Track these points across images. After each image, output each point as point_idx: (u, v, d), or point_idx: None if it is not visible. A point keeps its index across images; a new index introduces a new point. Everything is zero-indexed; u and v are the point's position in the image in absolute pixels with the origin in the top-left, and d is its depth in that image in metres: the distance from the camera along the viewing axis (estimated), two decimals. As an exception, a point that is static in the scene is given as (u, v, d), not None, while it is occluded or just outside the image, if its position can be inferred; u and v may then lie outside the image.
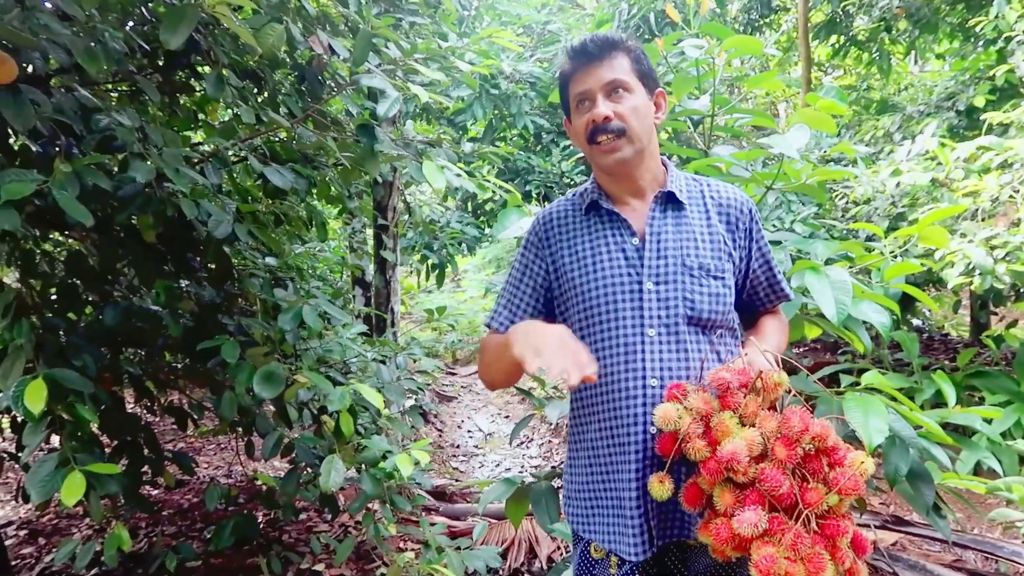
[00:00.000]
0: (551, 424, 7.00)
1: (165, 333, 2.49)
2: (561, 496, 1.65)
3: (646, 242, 1.52)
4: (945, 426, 2.19)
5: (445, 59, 2.39)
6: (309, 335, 2.64)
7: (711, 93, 2.73)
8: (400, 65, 2.38)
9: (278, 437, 2.61)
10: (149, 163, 2.10)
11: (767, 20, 9.10)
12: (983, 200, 4.09)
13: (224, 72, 2.33)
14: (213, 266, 2.62)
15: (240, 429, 2.95)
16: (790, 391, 1.39)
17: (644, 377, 1.46)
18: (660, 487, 1.36)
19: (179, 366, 2.98)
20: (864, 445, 1.75)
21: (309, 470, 2.88)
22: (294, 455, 2.77)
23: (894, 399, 2.18)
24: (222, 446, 5.60)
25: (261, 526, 3.47)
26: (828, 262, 2.39)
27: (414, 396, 3.03)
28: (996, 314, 6.64)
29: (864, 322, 2.31)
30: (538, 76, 5.74)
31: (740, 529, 1.23)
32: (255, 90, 2.89)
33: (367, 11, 2.56)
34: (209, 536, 3.38)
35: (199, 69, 2.86)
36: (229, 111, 3.22)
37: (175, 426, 3.10)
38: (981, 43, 5.70)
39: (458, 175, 2.32)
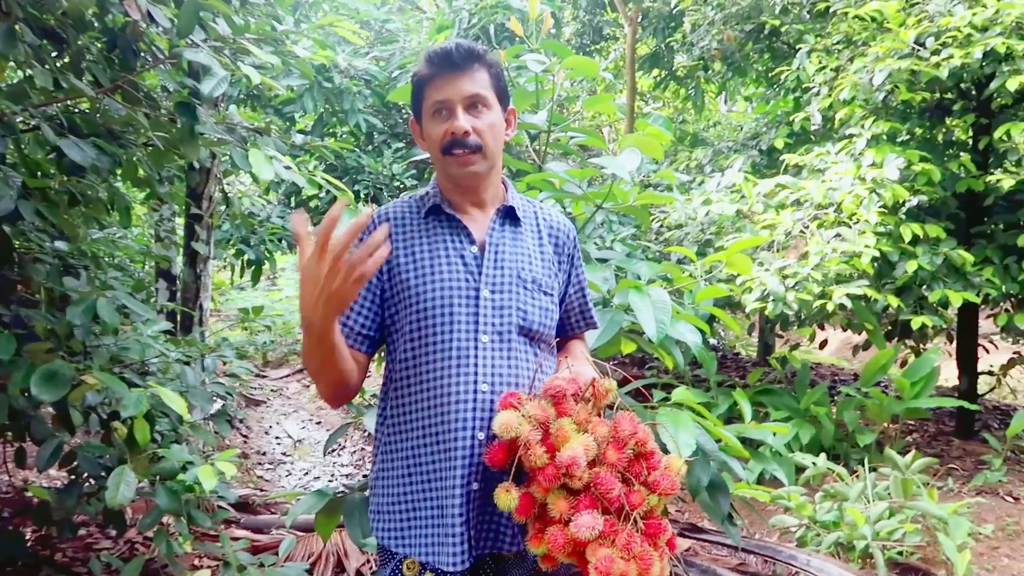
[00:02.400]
0: (364, 431, 6.83)
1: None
2: (370, 510, 1.58)
3: (485, 251, 1.54)
4: (740, 439, 2.37)
5: (280, 43, 2.24)
6: (103, 331, 2.36)
7: (548, 109, 2.79)
8: (229, 43, 2.20)
9: (57, 445, 2.30)
10: (-88, 121, 1.79)
11: (598, 47, 9.54)
12: (778, 233, 4.50)
13: (17, 26, 2.03)
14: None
15: (10, 434, 2.58)
16: (616, 400, 1.46)
17: (476, 382, 1.46)
18: (507, 496, 1.34)
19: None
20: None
21: (93, 481, 2.57)
22: (76, 464, 2.46)
23: (699, 414, 2.32)
24: (-14, 451, 4.92)
25: (29, 544, 3.06)
26: (648, 282, 2.50)
27: (222, 401, 2.80)
28: (782, 337, 7.34)
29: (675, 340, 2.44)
30: (374, 74, 5.59)
31: (579, 533, 1.25)
32: (54, 53, 2.56)
33: (193, -18, 2.35)
34: (-37, 556, 2.94)
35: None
36: (20, 72, 2.83)
37: (-74, 429, 2.67)
38: (782, 90, 6.31)
39: (287, 167, 2.17)
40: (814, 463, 3.79)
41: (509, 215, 1.61)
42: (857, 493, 3.69)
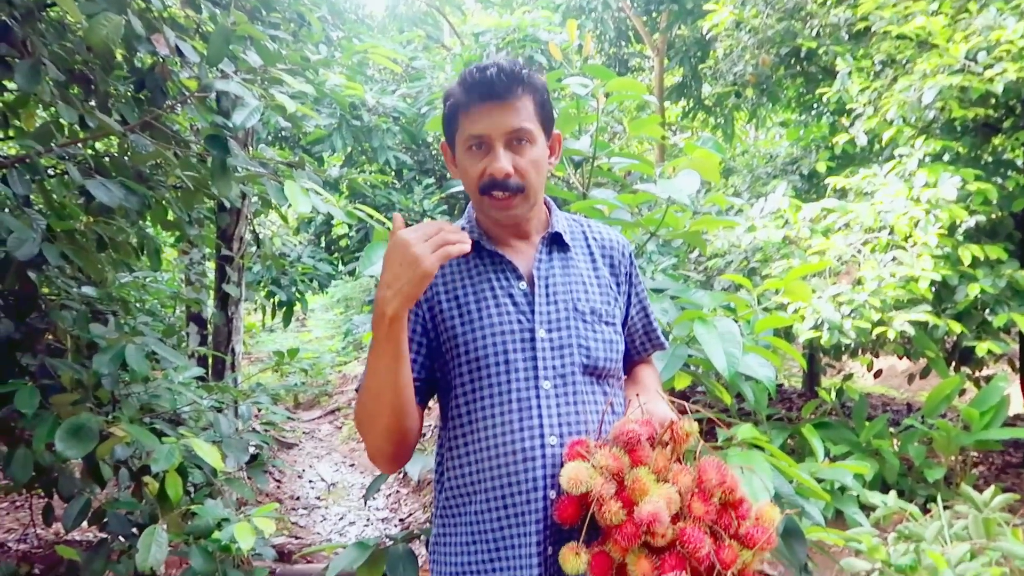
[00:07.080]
0: (400, 472, 6.67)
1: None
2: None
3: (535, 286, 1.38)
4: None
5: (315, 72, 2.13)
6: (132, 379, 2.23)
7: (592, 134, 2.65)
8: (261, 73, 2.10)
9: (85, 502, 2.16)
10: (-69, 162, 1.69)
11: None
12: (829, 259, 4.30)
13: (44, 63, 1.94)
14: (13, 293, 2.17)
15: (38, 487, 2.45)
16: (698, 444, 1.29)
17: (543, 435, 1.30)
18: (575, 560, 1.19)
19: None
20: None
21: (123, 539, 2.42)
22: (105, 521, 2.31)
23: (772, 454, 2.12)
24: (17, 504, 4.81)
25: (59, 605, 2.91)
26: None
27: (259, 450, 2.65)
28: (833, 367, 7.06)
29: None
30: (402, 111, 5.54)
31: None
32: (81, 94, 2.48)
33: (223, 18, 2.26)
34: (-11, 620, 2.79)
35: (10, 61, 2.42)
36: (46, 113, 2.77)
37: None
38: (817, 115, 6.14)
39: (325, 200, 2.05)
40: (884, 502, 3.53)
41: (556, 241, 1.45)
42: (934, 534, 3.41)
